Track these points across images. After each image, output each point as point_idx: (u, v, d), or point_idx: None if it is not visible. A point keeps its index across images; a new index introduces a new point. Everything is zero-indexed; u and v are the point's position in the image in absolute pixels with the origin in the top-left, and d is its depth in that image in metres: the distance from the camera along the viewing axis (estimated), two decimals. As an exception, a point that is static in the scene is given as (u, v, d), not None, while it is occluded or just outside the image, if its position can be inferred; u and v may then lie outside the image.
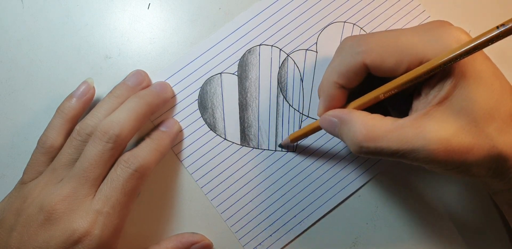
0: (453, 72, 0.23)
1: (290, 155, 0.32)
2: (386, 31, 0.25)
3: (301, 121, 0.33)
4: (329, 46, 0.33)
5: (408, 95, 0.26)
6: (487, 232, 0.33)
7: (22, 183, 0.28)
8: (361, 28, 0.33)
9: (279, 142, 0.32)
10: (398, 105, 0.28)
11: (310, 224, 0.32)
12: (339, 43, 0.33)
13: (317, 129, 0.29)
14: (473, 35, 0.22)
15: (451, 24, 0.24)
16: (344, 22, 0.33)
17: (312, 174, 0.32)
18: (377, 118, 0.25)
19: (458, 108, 0.23)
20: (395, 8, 0.34)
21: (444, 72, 0.23)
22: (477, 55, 0.23)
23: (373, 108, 0.26)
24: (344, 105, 0.27)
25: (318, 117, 0.33)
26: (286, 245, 0.32)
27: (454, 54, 0.21)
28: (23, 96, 0.31)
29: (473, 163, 0.24)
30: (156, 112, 0.31)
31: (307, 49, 0.33)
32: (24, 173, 0.28)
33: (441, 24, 0.24)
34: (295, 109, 0.33)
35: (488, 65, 0.24)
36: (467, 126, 0.23)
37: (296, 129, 0.33)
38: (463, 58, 0.21)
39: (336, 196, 0.32)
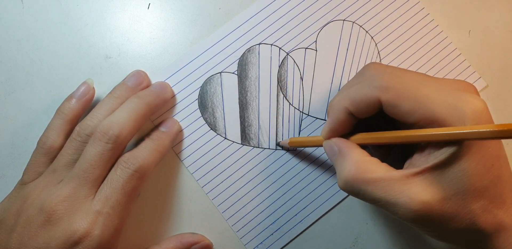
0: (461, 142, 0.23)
1: (291, 153, 0.32)
2: (411, 73, 0.25)
3: (301, 120, 0.33)
4: (328, 44, 0.33)
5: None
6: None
7: (22, 183, 0.28)
8: (361, 26, 0.33)
9: (280, 140, 0.32)
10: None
11: (311, 223, 0.32)
12: (338, 42, 0.33)
13: (318, 145, 0.28)
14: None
15: (476, 91, 0.24)
16: (344, 20, 0.33)
17: (312, 172, 0.32)
18: (373, 162, 0.24)
19: (451, 178, 0.23)
20: (394, 6, 0.34)
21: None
22: None
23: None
24: (350, 133, 0.26)
25: (318, 116, 0.33)
26: (287, 244, 0.32)
27: (481, 136, 0.20)
28: (23, 96, 0.31)
29: (451, 232, 0.24)
30: (156, 112, 0.31)
31: (306, 48, 0.33)
32: (24, 174, 0.28)
33: (466, 88, 0.24)
34: (295, 108, 0.33)
35: (496, 147, 0.24)
36: (454, 196, 0.23)
37: (297, 128, 0.33)
38: (488, 139, 0.21)
39: (337, 194, 0.32)
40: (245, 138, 0.32)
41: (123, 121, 0.27)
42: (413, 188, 0.23)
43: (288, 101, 0.33)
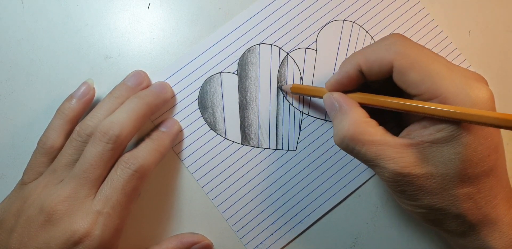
0: (461, 124, 0.23)
1: (291, 153, 0.32)
2: (431, 51, 0.25)
3: (301, 120, 0.33)
4: (328, 44, 0.33)
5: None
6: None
7: (22, 183, 0.28)
8: (361, 26, 0.33)
9: (280, 140, 0.32)
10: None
11: (311, 223, 0.32)
12: (338, 42, 0.33)
13: (319, 96, 0.29)
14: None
15: (486, 83, 0.25)
16: (344, 20, 0.33)
17: (312, 172, 0.32)
18: (371, 124, 0.25)
19: (444, 158, 0.23)
20: (394, 6, 0.34)
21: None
22: None
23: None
24: (354, 90, 0.27)
25: (318, 116, 0.33)
26: (287, 244, 0.32)
27: (480, 121, 0.21)
28: (23, 96, 0.31)
29: (430, 209, 0.24)
30: (156, 112, 0.31)
31: (306, 48, 0.33)
32: (24, 174, 0.28)
33: (478, 78, 0.24)
34: (295, 108, 0.33)
35: (496, 139, 0.24)
36: (441, 176, 0.23)
37: (297, 128, 0.33)
38: (485, 125, 0.21)
39: (337, 194, 0.32)
40: (245, 138, 0.32)
41: (123, 121, 0.27)
42: (404, 157, 0.23)
43: (288, 101, 0.33)
